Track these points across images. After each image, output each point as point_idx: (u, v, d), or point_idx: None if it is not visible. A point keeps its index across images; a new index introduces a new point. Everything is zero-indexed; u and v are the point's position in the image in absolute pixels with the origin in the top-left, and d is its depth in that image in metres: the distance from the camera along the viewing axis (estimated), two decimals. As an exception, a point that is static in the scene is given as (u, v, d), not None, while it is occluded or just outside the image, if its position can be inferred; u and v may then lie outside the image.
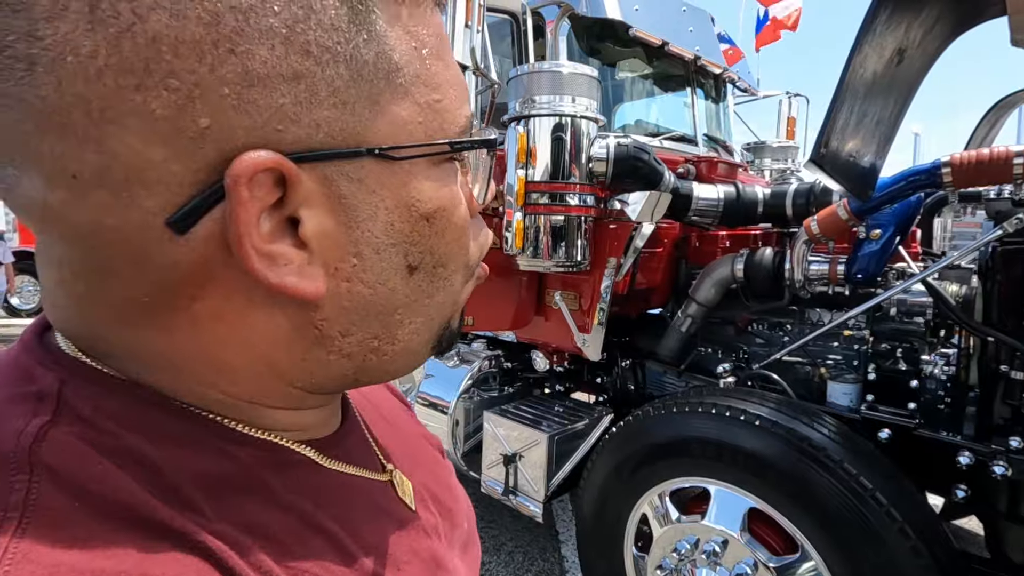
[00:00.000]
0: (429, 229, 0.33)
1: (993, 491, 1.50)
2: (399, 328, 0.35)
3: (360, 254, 0.31)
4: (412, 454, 0.50)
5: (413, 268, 0.34)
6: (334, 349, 0.33)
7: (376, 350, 0.35)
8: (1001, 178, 1.52)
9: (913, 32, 1.37)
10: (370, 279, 0.32)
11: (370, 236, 0.31)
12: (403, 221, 0.32)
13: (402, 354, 0.36)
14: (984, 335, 1.60)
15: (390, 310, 0.34)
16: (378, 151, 0.30)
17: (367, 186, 0.30)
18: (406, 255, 0.33)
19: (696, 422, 1.65)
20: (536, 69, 1.90)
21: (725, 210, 2.14)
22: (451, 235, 0.35)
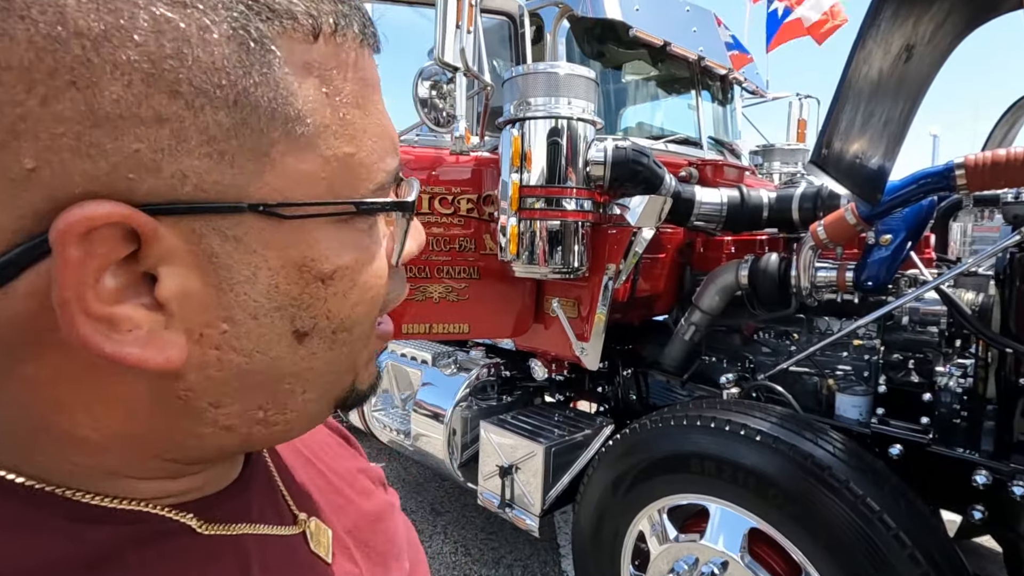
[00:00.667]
0: (325, 291, 0.30)
1: (1013, 512, 1.41)
2: (290, 398, 0.31)
3: (232, 319, 0.27)
4: (338, 496, 0.46)
5: (303, 334, 0.30)
6: (207, 421, 0.29)
7: (264, 421, 0.31)
8: (1018, 181, 1.43)
9: (922, 27, 1.30)
10: (245, 347, 0.28)
11: (247, 300, 0.27)
12: (291, 283, 0.28)
13: (298, 421, 0.33)
14: (1002, 346, 1.51)
15: (274, 379, 0.30)
16: (263, 208, 0.26)
17: (246, 245, 0.26)
18: (293, 320, 0.29)
19: (695, 436, 1.58)
20: (531, 70, 1.85)
21: (729, 215, 2.07)
22: (357, 296, 0.31)
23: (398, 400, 2.95)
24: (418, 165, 1.99)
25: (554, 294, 2.15)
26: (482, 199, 2.04)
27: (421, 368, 2.69)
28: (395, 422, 2.81)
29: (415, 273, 2.01)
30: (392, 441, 2.83)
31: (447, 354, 2.68)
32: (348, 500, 0.47)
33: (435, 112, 1.76)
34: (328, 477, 0.47)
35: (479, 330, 2.19)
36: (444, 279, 2.05)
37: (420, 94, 1.71)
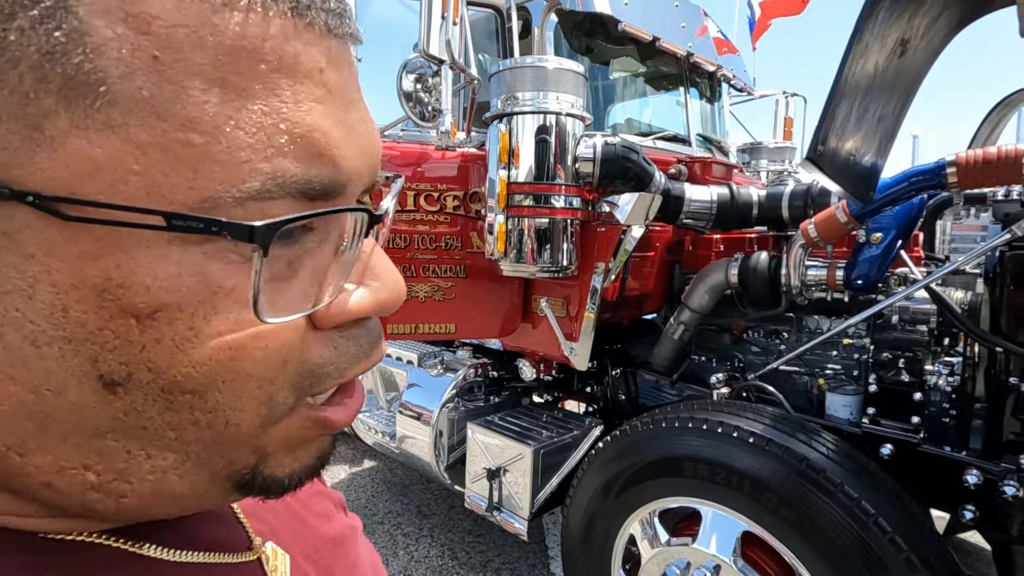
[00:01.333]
0: (141, 335, 0.22)
1: (1003, 513, 1.40)
2: (129, 461, 0.24)
3: (2, 338, 0.21)
4: (297, 520, 0.43)
5: (114, 383, 0.22)
6: (17, 472, 0.23)
7: (99, 487, 0.24)
8: (1009, 178, 1.42)
9: (917, 21, 1.28)
10: (27, 379, 0.22)
11: (19, 318, 0.21)
12: (87, 311, 0.21)
13: (162, 497, 0.25)
14: (992, 345, 1.50)
15: (91, 433, 0.23)
16: (33, 198, 0.20)
17: (20, 246, 0.20)
18: (96, 361, 0.22)
19: (687, 439, 1.55)
20: (519, 64, 1.80)
21: (719, 212, 2.05)
22: (204, 353, 0.23)
23: (383, 401, 2.90)
24: (403, 161, 1.93)
25: (542, 293, 2.12)
26: (469, 196, 2.00)
27: (407, 369, 2.64)
28: (380, 424, 2.76)
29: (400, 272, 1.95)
30: (377, 443, 2.78)
31: (433, 354, 2.63)
32: (307, 524, 0.43)
33: (420, 106, 1.71)
34: (286, 501, 0.42)
35: (466, 330, 2.14)
36: (430, 278, 2.00)
37: (405, 88, 1.65)
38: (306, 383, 0.27)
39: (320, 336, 0.27)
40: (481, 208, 1.96)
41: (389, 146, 1.93)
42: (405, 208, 1.94)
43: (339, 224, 0.27)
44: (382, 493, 3.23)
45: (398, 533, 2.79)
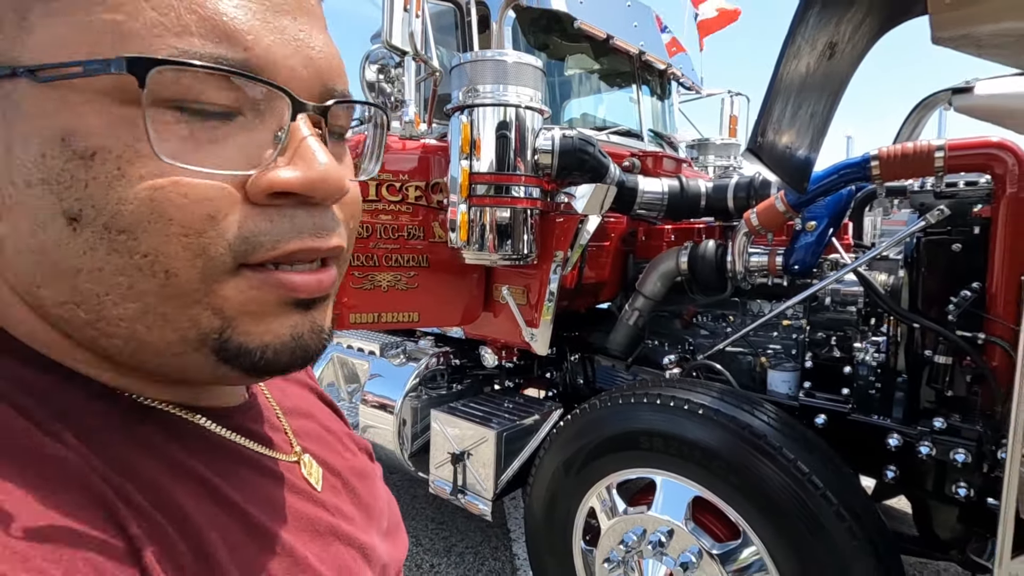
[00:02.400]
0: (85, 172, 0.28)
1: (920, 471, 1.56)
2: (102, 306, 0.30)
3: (14, 183, 0.28)
4: (329, 449, 0.50)
5: (72, 218, 0.28)
6: (43, 302, 0.31)
7: (92, 324, 0.30)
8: (924, 171, 1.58)
9: (844, 27, 1.41)
10: (26, 217, 0.29)
11: (20, 164, 0.28)
12: (55, 156, 0.28)
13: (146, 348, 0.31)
14: (910, 321, 1.67)
15: (68, 269, 0.29)
16: (23, 70, 0.27)
17: (23, 109, 0.28)
18: (60, 198, 0.28)
19: (642, 413, 1.65)
20: (479, 57, 1.85)
21: (670, 203, 2.16)
22: (128, 191, 0.28)
23: (344, 393, 2.89)
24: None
25: (503, 281, 2.18)
26: (431, 186, 2.03)
27: (368, 359, 2.65)
28: (342, 415, 2.76)
29: (362, 261, 1.98)
30: (339, 435, 2.77)
31: (395, 344, 2.65)
32: (337, 452, 0.51)
33: (383, 97, 1.73)
34: (321, 429, 0.51)
35: (429, 318, 2.18)
36: (392, 267, 2.03)
37: (367, 78, 1.68)
38: (242, 248, 0.31)
39: (256, 209, 0.31)
40: (443, 198, 2.00)
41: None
42: (367, 198, 1.96)
43: (276, 113, 0.32)
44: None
45: (361, 524, 2.80)
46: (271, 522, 0.37)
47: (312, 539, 0.39)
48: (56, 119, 0.28)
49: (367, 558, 0.44)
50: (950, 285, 1.60)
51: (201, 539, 0.31)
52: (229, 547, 0.32)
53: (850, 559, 1.32)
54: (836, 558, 1.33)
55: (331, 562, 0.40)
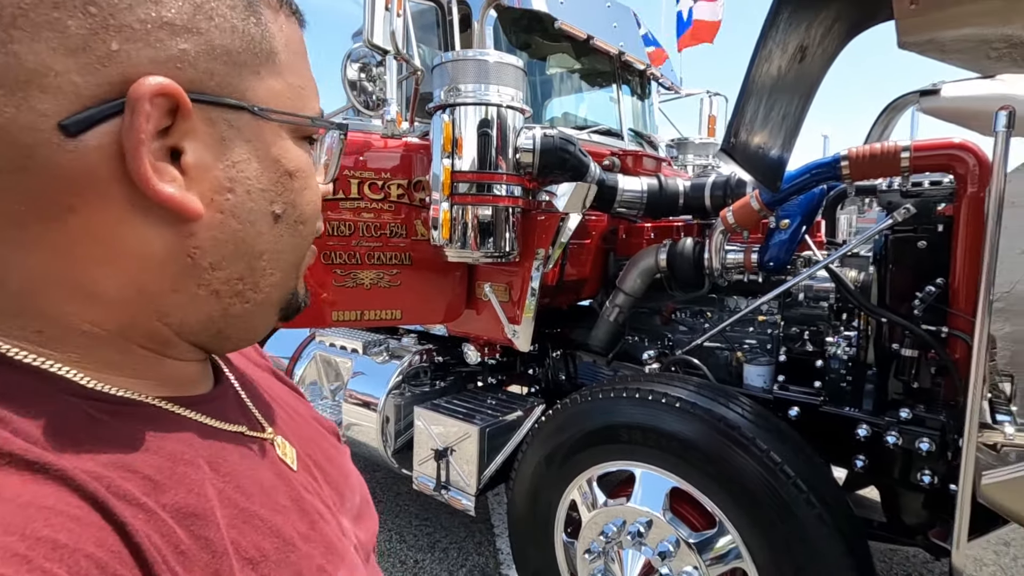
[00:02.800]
0: (292, 184, 0.40)
1: (887, 460, 1.62)
2: (262, 277, 0.40)
3: (234, 191, 0.37)
4: (298, 430, 0.52)
5: (278, 216, 0.39)
6: (203, 283, 0.37)
7: (241, 294, 0.39)
8: (891, 171, 1.64)
9: (814, 31, 1.45)
10: (241, 215, 0.37)
11: (243, 177, 0.37)
12: (271, 171, 0.39)
13: (262, 306, 0.41)
14: (878, 316, 1.72)
15: (257, 252, 0.39)
16: (257, 109, 0.37)
17: (244, 135, 0.37)
18: (272, 202, 0.39)
19: (622, 407, 1.68)
20: (461, 57, 1.87)
21: (649, 201, 2.20)
22: (309, 196, 0.42)
23: (327, 391, 2.89)
24: (346, 150, 1.95)
25: (486, 279, 2.20)
26: (413, 185, 2.05)
27: (351, 357, 2.65)
28: (325, 413, 2.75)
29: (345, 259, 1.99)
30: (322, 433, 2.77)
31: (378, 342, 2.66)
32: (305, 432, 0.53)
33: (364, 95, 1.74)
34: (290, 413, 0.53)
35: (411, 316, 2.19)
36: (375, 265, 2.03)
37: (349, 76, 1.68)
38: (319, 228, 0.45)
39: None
40: (425, 196, 2.02)
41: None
42: (349, 196, 1.97)
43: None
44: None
45: (345, 522, 2.81)
46: (261, 503, 0.39)
47: (300, 518, 0.41)
48: (273, 147, 0.39)
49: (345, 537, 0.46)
50: (916, 281, 1.67)
51: (198, 524, 0.33)
52: (225, 528, 0.34)
53: (820, 545, 1.37)
54: (806, 544, 1.38)
55: (318, 540, 0.41)
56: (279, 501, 0.41)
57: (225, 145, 0.36)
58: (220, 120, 0.36)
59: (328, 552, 0.42)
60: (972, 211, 1.53)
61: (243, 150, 0.37)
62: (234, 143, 0.36)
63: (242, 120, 0.37)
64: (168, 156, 0.34)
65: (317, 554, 0.40)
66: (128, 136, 0.31)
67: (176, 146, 0.34)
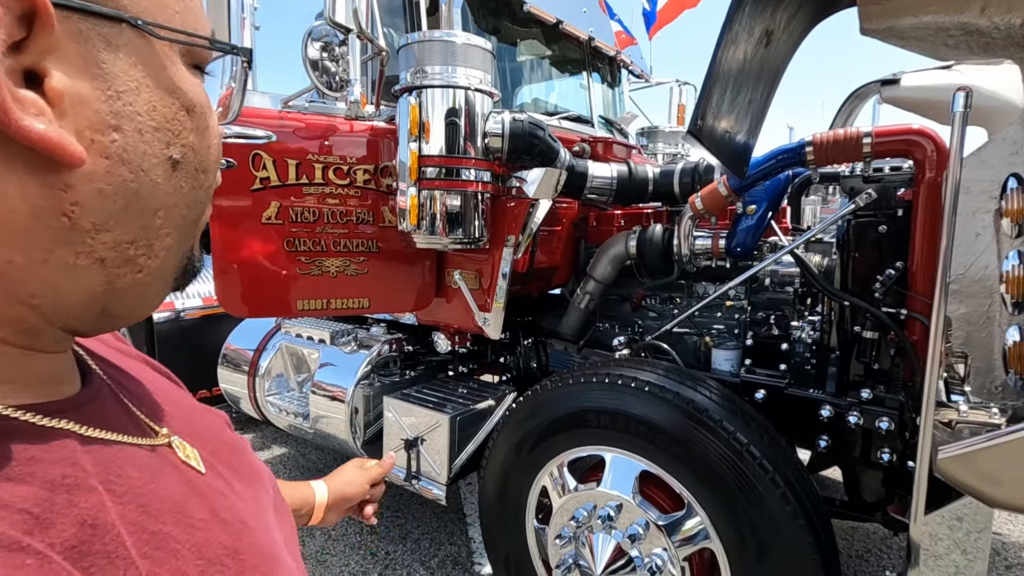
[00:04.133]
0: (190, 123, 0.33)
1: (849, 439, 1.67)
2: (157, 238, 0.33)
3: (121, 128, 0.29)
4: (193, 425, 0.45)
5: (176, 163, 0.32)
6: (84, 249, 0.29)
7: (131, 261, 0.32)
8: (853, 156, 1.67)
9: (779, 15, 1.46)
10: (133, 161, 0.30)
11: (131, 111, 0.29)
12: (165, 105, 0.31)
13: (156, 275, 0.34)
14: (841, 299, 1.76)
15: (151, 208, 0.32)
16: (140, 22, 0.29)
17: (127, 58, 0.29)
18: (168, 145, 0.32)
19: (592, 392, 1.68)
20: (427, 38, 1.83)
21: (619, 188, 2.20)
22: (210, 138, 0.35)
23: (294, 383, 2.83)
24: (309, 134, 1.90)
25: (455, 266, 2.17)
26: (379, 170, 2.00)
27: (318, 348, 2.60)
28: (292, 405, 2.70)
29: (310, 247, 1.93)
30: (291, 426, 2.72)
31: (346, 332, 2.60)
32: (206, 429, 0.46)
33: (327, 76, 1.69)
34: (177, 407, 0.45)
35: (380, 304, 2.15)
36: (341, 252, 1.99)
37: (310, 55, 1.63)
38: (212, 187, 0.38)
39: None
40: (392, 182, 1.97)
41: (295, 117, 1.89)
42: (313, 181, 1.91)
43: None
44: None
45: (314, 515, 2.76)
46: (174, 522, 0.33)
47: (222, 530, 0.36)
48: (164, 74, 0.31)
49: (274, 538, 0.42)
50: (877, 265, 1.70)
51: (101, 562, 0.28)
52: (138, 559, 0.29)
53: (784, 523, 1.39)
54: (771, 522, 1.40)
55: (248, 551, 0.36)
56: (194, 515, 0.34)
57: (104, 69, 0.28)
58: (94, 35, 0.28)
59: (264, 562, 0.37)
60: (929, 196, 1.57)
61: (129, 76, 0.29)
62: (115, 66, 0.28)
63: (123, 37, 0.29)
64: (23, 81, 0.26)
65: (249, 568, 0.35)
66: None
67: (35, 67, 0.26)
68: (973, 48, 1.44)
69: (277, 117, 1.87)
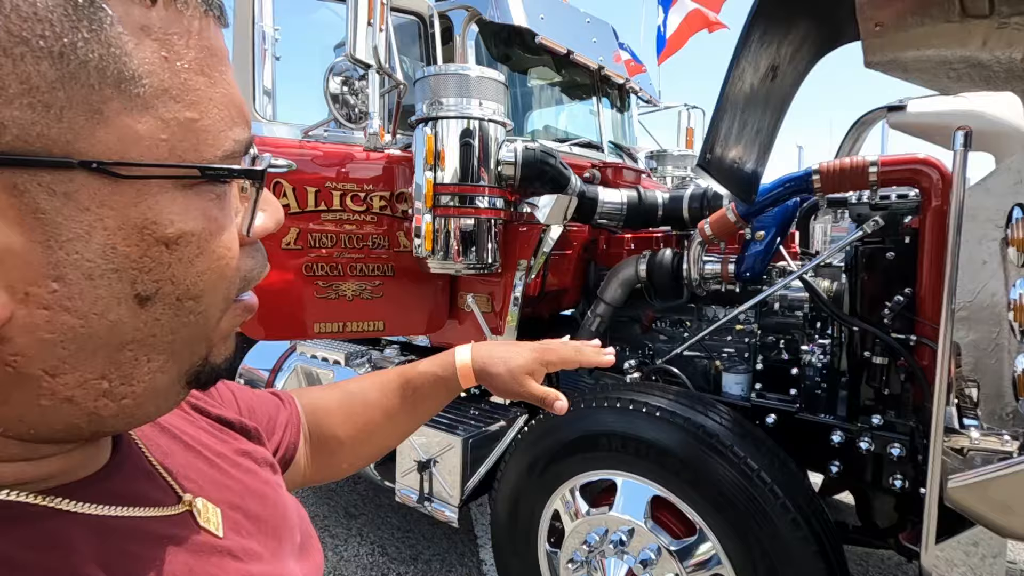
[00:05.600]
0: (169, 256, 0.29)
1: (860, 465, 1.67)
2: (135, 367, 0.30)
3: (63, 278, 0.27)
4: (221, 474, 0.46)
5: (145, 298, 0.29)
6: (45, 392, 0.28)
7: (109, 393, 0.30)
8: (860, 184, 1.70)
9: (784, 50, 1.51)
10: (79, 308, 0.27)
11: (78, 259, 0.27)
12: (131, 245, 0.28)
13: (146, 396, 0.32)
14: (850, 324, 1.78)
15: (116, 345, 0.29)
16: (96, 165, 0.26)
17: (78, 202, 0.26)
18: (134, 283, 0.29)
19: (603, 416, 1.70)
20: (443, 71, 1.89)
21: (628, 213, 2.24)
22: (205, 264, 0.31)
23: (308, 403, 2.86)
24: (327, 161, 1.96)
25: (468, 290, 2.21)
26: (395, 196, 2.06)
27: (333, 369, 2.64)
28: (306, 426, 2.73)
29: (327, 271, 1.99)
30: (303, 446, 2.74)
31: (360, 353, 2.65)
32: (231, 477, 0.47)
33: (347, 108, 1.75)
34: (209, 458, 0.46)
35: (394, 327, 2.20)
36: (357, 277, 2.04)
37: (331, 89, 1.69)
38: (242, 285, 0.36)
39: (245, 250, 0.36)
40: (408, 208, 2.03)
41: (314, 146, 1.96)
42: (331, 208, 1.97)
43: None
44: (307, 497, 3.18)
45: (325, 535, 2.78)
46: None
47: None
48: (134, 211, 0.28)
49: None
50: (885, 290, 1.72)
51: None
52: None
53: (795, 549, 1.40)
54: (782, 549, 1.41)
55: None
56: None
57: (44, 219, 0.25)
58: (32, 186, 0.25)
59: None
60: (936, 224, 1.59)
61: (78, 223, 0.26)
62: (61, 214, 0.26)
63: (74, 183, 0.26)
64: None
65: None
66: None
67: None
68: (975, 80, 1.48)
69: (297, 146, 1.95)
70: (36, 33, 0.24)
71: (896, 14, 1.43)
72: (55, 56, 0.24)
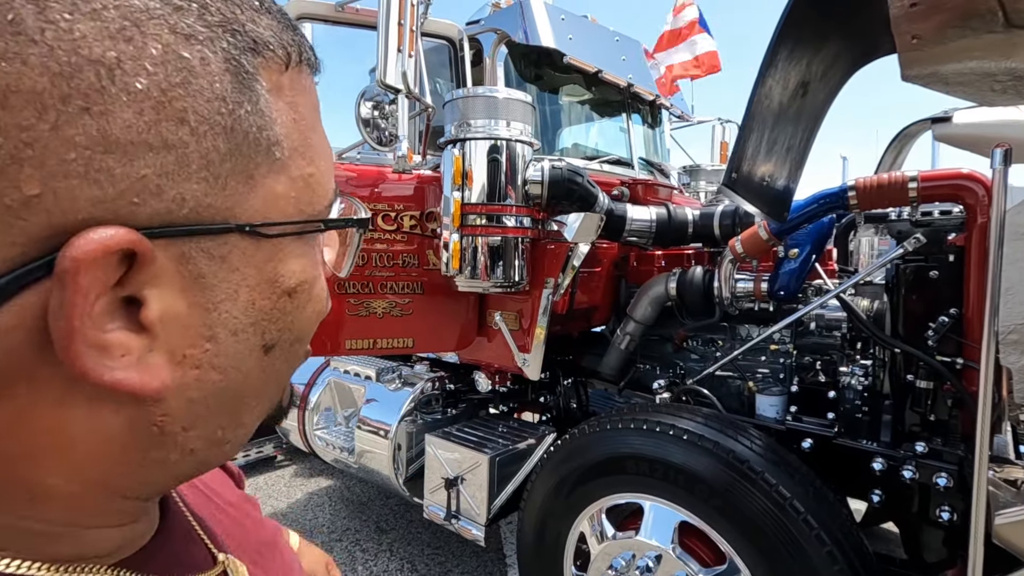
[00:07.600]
0: (291, 305, 0.31)
1: (904, 495, 1.58)
2: (246, 413, 0.32)
3: (215, 338, 0.28)
4: (238, 527, 0.46)
5: (270, 347, 0.30)
6: (176, 447, 0.29)
7: (220, 441, 0.31)
8: (898, 200, 1.64)
9: (815, 67, 1.48)
10: (223, 364, 0.28)
11: (227, 317, 0.28)
12: (265, 298, 0.29)
13: (241, 440, 0.33)
14: (891, 346, 1.70)
15: (241, 396, 0.31)
16: (248, 228, 0.27)
17: (230, 264, 0.27)
18: (264, 334, 0.30)
19: (629, 439, 1.68)
20: (471, 94, 1.93)
21: (658, 231, 2.22)
22: (311, 308, 0.33)
23: (340, 417, 2.92)
24: (361, 182, 2.02)
25: (496, 308, 2.22)
26: (425, 216, 2.09)
27: (364, 384, 2.69)
28: (339, 440, 2.78)
29: (359, 289, 2.03)
30: (336, 459, 2.80)
31: (391, 369, 2.69)
32: (247, 529, 0.47)
33: (377, 132, 1.81)
34: (226, 510, 0.47)
35: (423, 344, 2.22)
36: (388, 294, 2.08)
37: (362, 114, 1.75)
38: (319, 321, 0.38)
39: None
40: (437, 227, 2.06)
41: (348, 168, 2.02)
42: (363, 227, 2.02)
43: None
44: (340, 511, 3.22)
45: (356, 549, 2.81)
46: None
47: None
48: (269, 266, 0.29)
49: None
50: (929, 311, 1.64)
51: None
52: None
53: (832, 583, 1.34)
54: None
55: None
56: None
57: (204, 283, 0.27)
58: (197, 253, 0.26)
59: None
60: (982, 241, 1.51)
61: (229, 283, 0.27)
62: (217, 277, 0.27)
63: (228, 245, 0.27)
64: (118, 311, 0.25)
65: None
66: (57, 319, 0.22)
67: (135, 296, 0.25)
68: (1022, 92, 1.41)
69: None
70: (216, 111, 0.25)
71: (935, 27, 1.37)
72: (228, 131, 0.26)
